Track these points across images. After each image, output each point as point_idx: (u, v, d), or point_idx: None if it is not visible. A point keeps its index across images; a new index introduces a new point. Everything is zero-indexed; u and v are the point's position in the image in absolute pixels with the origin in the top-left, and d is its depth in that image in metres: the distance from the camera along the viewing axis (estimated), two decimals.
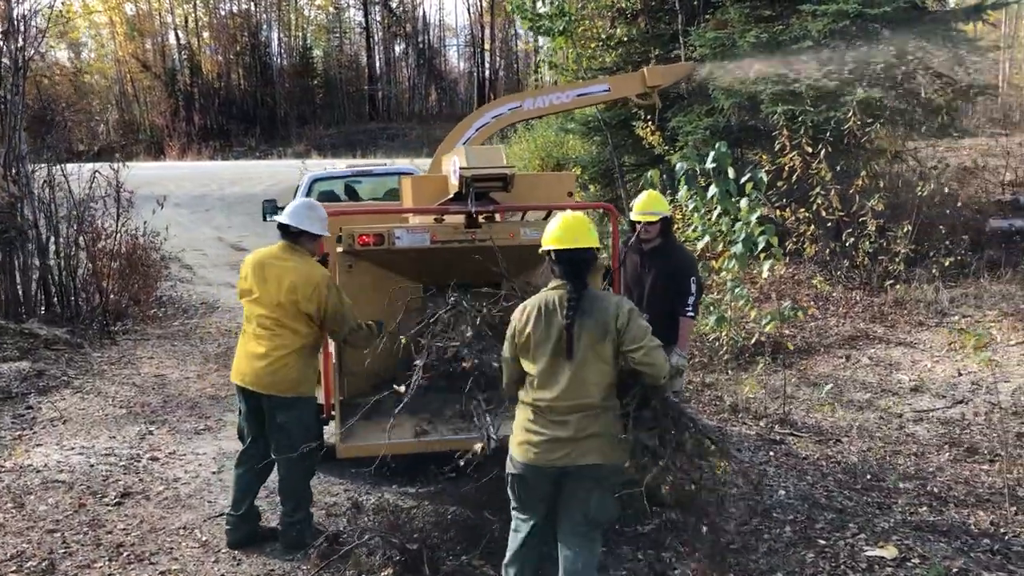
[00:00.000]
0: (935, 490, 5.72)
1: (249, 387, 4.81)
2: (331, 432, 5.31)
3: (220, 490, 5.89)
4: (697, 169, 8.25)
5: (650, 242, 5.63)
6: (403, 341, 4.93)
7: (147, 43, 56.53)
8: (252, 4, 60.31)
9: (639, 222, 5.58)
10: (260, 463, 4.95)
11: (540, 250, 3.88)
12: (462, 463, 4.34)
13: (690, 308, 5.51)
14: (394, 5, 65.02)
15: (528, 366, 3.75)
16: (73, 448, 6.80)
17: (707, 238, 8.24)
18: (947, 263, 10.80)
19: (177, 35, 57.85)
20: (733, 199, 7.75)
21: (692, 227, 8.62)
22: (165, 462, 6.52)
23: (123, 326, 10.98)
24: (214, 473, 6.26)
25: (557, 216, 3.96)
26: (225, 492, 5.73)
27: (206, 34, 58.96)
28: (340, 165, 14.88)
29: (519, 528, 3.88)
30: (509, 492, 3.87)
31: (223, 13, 59.27)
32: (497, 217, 5.48)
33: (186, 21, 57.75)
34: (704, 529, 4.72)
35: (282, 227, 4.90)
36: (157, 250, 12.74)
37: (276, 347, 4.75)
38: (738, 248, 7.65)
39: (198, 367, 9.35)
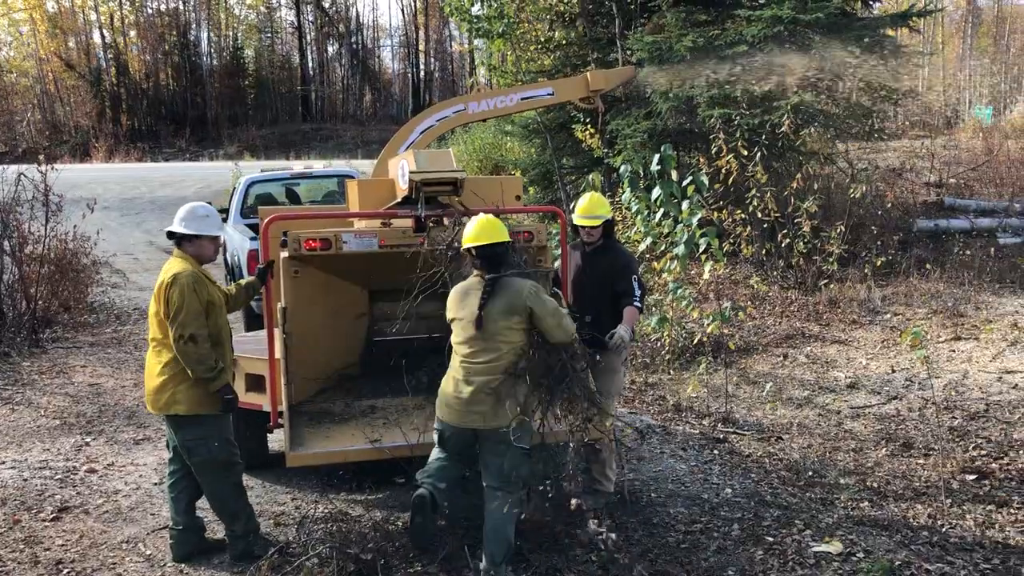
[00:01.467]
0: (875, 485, 5.87)
1: (148, 409, 4.77)
2: (279, 440, 5.21)
3: (163, 502, 5.73)
4: (640, 171, 8.34)
5: (592, 244, 5.66)
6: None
7: (70, 41, 54.88)
8: (180, 3, 59.03)
9: (582, 225, 5.60)
10: (185, 476, 4.83)
11: (462, 248, 4.53)
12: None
13: (636, 299, 5.48)
14: (327, 5, 64.34)
15: (455, 336, 4.45)
16: (4, 462, 6.57)
17: (649, 240, 8.33)
18: (878, 263, 11.11)
19: (102, 33, 56.29)
20: (675, 201, 7.85)
21: (635, 229, 8.70)
22: (104, 474, 6.34)
23: (53, 334, 10.65)
24: (156, 484, 6.10)
25: (473, 219, 4.54)
26: (166, 503, 5.58)
27: (133, 33, 57.47)
28: (274, 166, 14.67)
29: (437, 454, 4.53)
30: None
31: (150, 11, 57.91)
32: (445, 221, 5.46)
33: (111, 19, 56.21)
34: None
35: (169, 236, 4.80)
36: (87, 255, 12.37)
37: (155, 365, 4.65)
38: (680, 250, 7.75)
39: (134, 375, 9.10)
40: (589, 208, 5.57)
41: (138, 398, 8.27)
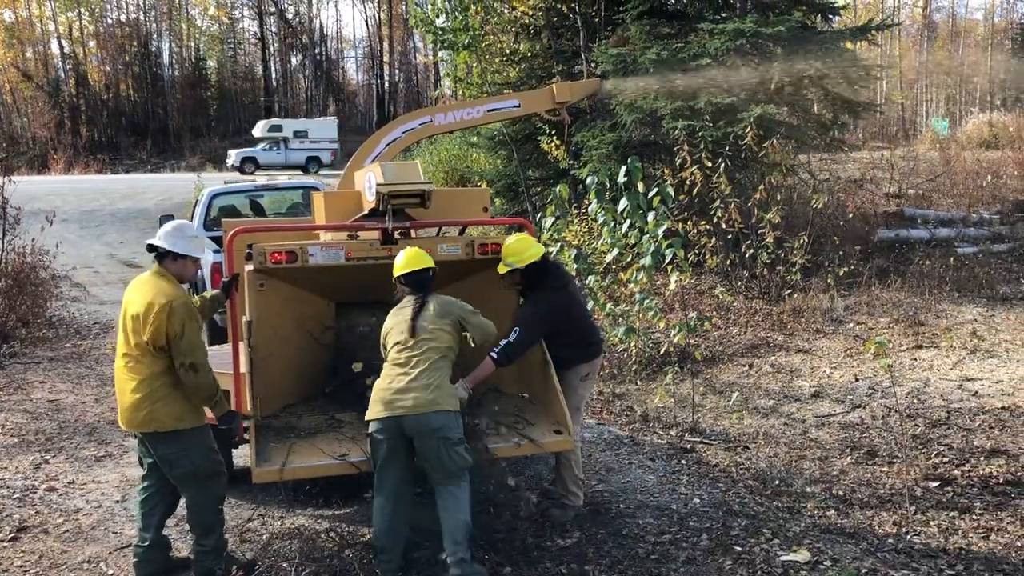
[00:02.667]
0: (840, 493, 5.92)
1: (122, 427, 4.66)
2: (244, 455, 5.14)
3: (125, 520, 5.63)
4: (607, 183, 8.38)
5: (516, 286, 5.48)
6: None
7: (28, 51, 54.08)
8: (141, 13, 58.52)
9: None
10: (158, 491, 4.75)
11: (393, 278, 4.86)
12: None
13: (497, 351, 5.01)
14: (290, 16, 64.11)
15: (389, 346, 4.72)
16: None
17: (616, 251, 8.36)
18: (841, 272, 11.26)
19: (61, 43, 55.61)
20: (641, 212, 7.90)
21: (601, 240, 8.74)
22: (64, 492, 6.21)
23: (10, 349, 10.43)
24: (118, 502, 5.99)
25: (401, 252, 4.89)
26: (131, 522, 5.49)
27: (92, 43, 56.84)
28: (238, 178, 14.53)
29: (378, 501, 4.62)
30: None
31: (110, 22, 57.34)
32: (413, 233, 5.44)
33: (70, 30, 55.55)
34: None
35: (150, 249, 4.72)
36: (46, 269, 12.15)
37: (128, 382, 4.53)
38: (647, 261, 7.79)
39: (95, 390, 8.94)
40: (506, 252, 5.27)
41: (99, 414, 8.13)
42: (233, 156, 39.24)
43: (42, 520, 5.68)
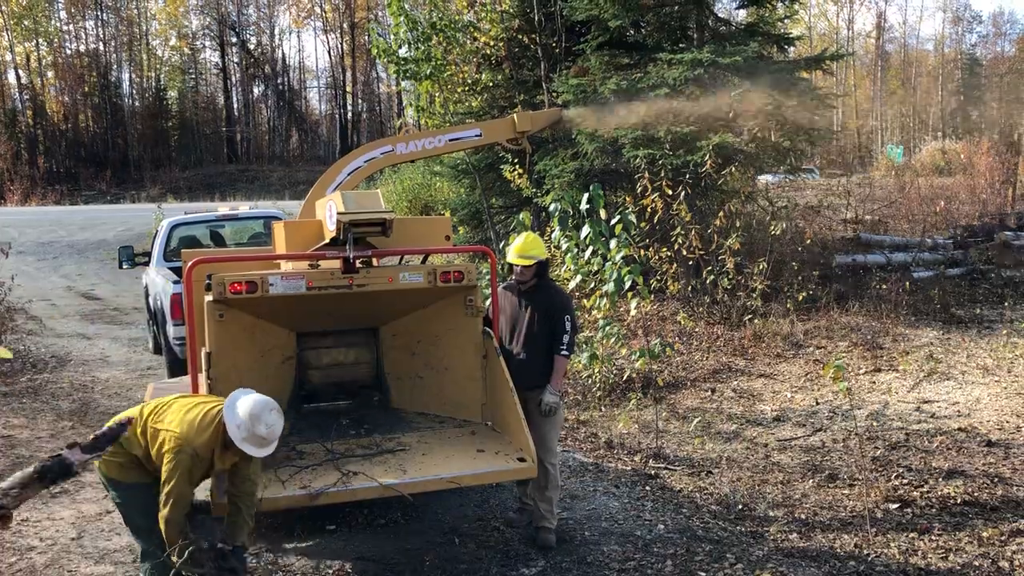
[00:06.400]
0: (802, 516, 5.97)
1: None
2: (205, 487, 5.05)
3: (81, 558, 5.51)
4: (570, 210, 8.44)
5: (526, 283, 5.70)
6: None
7: None
8: (101, 43, 58.09)
9: (515, 264, 5.65)
10: None
11: None
12: None
13: (564, 347, 5.59)
14: (252, 47, 64.01)
15: None
16: None
17: (579, 277, 8.41)
18: (800, 297, 11.40)
19: (18, 74, 54.96)
20: (604, 239, 7.96)
21: (564, 267, 8.79)
22: (17, 530, 6.04)
23: None
24: (73, 539, 5.85)
25: None
26: (86, 559, 5.37)
27: (51, 73, 56.29)
28: (198, 208, 14.42)
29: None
30: None
31: (69, 52, 56.82)
32: (375, 262, 5.43)
33: (28, 59, 54.96)
34: None
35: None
36: (1, 301, 11.92)
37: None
38: (609, 287, 7.84)
39: (49, 425, 8.75)
40: (523, 248, 5.62)
41: (54, 450, 7.93)
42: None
43: None
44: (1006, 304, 12.56)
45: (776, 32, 13.82)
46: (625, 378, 9.24)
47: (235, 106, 63.08)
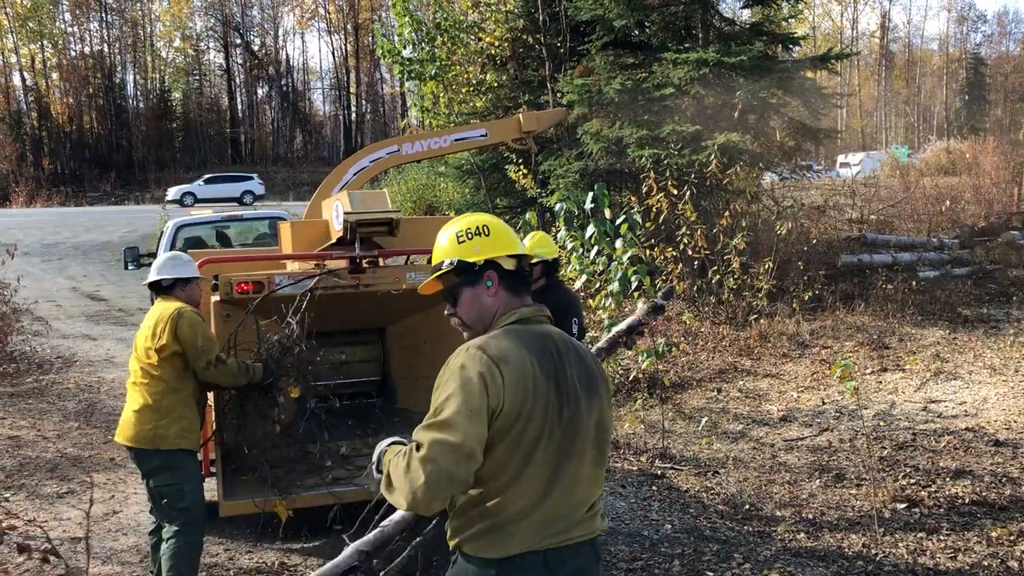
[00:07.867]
0: (810, 516, 5.95)
1: (120, 441, 4.58)
2: (212, 489, 5.05)
3: (89, 557, 5.50)
4: (575, 210, 8.43)
5: (534, 283, 5.69)
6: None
7: None
8: (105, 45, 58.20)
9: None
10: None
11: None
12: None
13: None
14: (256, 48, 64.09)
15: None
16: None
17: (584, 277, 8.40)
18: (806, 297, 11.38)
19: (23, 76, 55.08)
20: (609, 239, 7.94)
21: (570, 267, 8.77)
22: (23, 531, 6.05)
23: None
24: (80, 539, 5.85)
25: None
26: (94, 559, 5.37)
27: (55, 75, 56.38)
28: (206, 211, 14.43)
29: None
30: None
31: (73, 54, 56.92)
32: (381, 262, 5.43)
33: (32, 62, 55.07)
34: None
35: (154, 286, 4.70)
36: (7, 303, 11.93)
37: (143, 399, 4.50)
38: (615, 287, 7.82)
39: (56, 426, 8.77)
40: (531, 247, 5.60)
41: (60, 450, 7.96)
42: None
43: (1, 559, 5.54)
44: (1013, 303, 12.53)
45: (781, 31, 13.80)
46: (631, 378, 9.23)
47: (239, 107, 63.21)
